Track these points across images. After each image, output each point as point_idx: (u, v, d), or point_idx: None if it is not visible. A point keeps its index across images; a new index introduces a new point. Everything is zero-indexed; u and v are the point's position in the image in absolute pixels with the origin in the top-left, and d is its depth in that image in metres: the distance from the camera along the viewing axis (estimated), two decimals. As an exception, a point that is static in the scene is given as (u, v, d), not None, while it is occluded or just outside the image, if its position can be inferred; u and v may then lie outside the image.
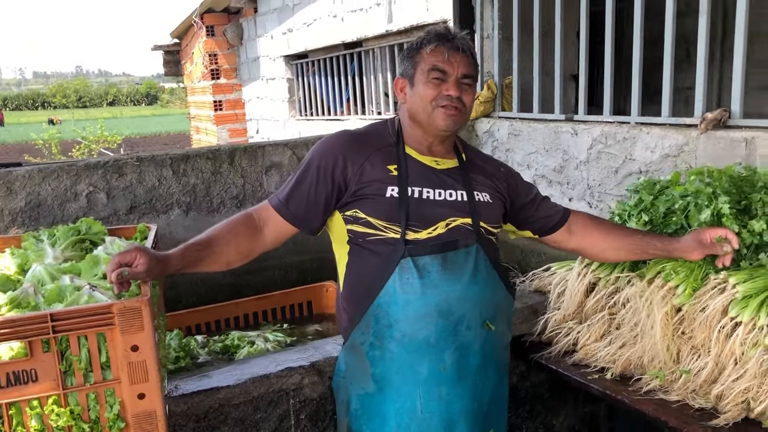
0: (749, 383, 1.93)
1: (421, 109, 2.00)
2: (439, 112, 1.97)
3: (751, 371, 1.93)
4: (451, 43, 1.97)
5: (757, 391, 1.92)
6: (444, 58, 1.95)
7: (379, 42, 6.59)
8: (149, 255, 1.82)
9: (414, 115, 2.04)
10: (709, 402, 2.01)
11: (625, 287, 2.38)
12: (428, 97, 1.97)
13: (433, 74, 1.96)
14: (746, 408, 1.94)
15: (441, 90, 1.96)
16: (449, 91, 1.95)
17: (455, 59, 1.96)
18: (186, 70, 12.26)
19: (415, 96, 2.01)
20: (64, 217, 3.12)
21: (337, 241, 2.07)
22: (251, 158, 3.52)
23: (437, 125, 1.99)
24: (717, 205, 2.17)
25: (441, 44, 1.97)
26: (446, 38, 1.98)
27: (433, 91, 1.96)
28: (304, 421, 2.24)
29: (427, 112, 1.98)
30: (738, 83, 2.75)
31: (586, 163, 3.40)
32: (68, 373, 1.71)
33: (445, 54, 1.96)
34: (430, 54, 1.97)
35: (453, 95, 1.95)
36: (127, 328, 1.70)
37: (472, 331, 1.97)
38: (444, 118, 1.97)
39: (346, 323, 2.06)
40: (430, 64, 1.97)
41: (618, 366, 2.29)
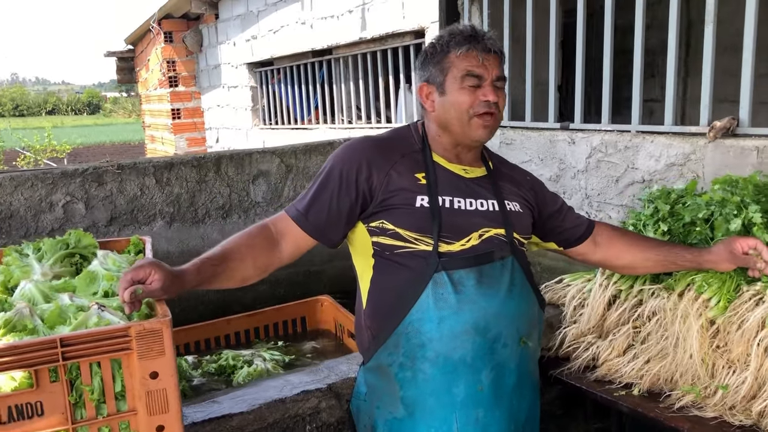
0: (794, 399, 1.87)
1: (456, 118, 1.87)
2: (476, 121, 1.85)
3: (795, 386, 1.87)
4: (482, 44, 1.85)
5: (802, 407, 1.86)
6: (478, 62, 1.84)
7: (351, 50, 6.48)
8: (165, 270, 1.64)
9: (446, 124, 1.90)
10: (750, 419, 1.94)
11: (648, 299, 2.30)
12: (464, 104, 1.85)
13: (468, 80, 1.84)
14: (791, 425, 1.88)
15: (477, 96, 1.84)
16: (487, 97, 1.83)
17: (488, 61, 1.85)
18: (141, 77, 11.90)
19: (447, 104, 1.88)
20: (38, 229, 2.90)
21: (360, 255, 1.93)
22: (238, 166, 3.35)
23: (473, 135, 1.87)
24: (748, 214, 2.11)
25: (473, 47, 1.84)
26: (476, 39, 1.86)
27: (469, 98, 1.84)
28: (321, 448, 2.09)
29: (463, 121, 1.86)
30: (747, 92, 2.72)
31: (584, 172, 3.33)
32: (78, 405, 1.53)
33: (479, 57, 1.84)
34: (462, 58, 1.84)
35: (492, 100, 1.84)
36: (146, 352, 1.53)
37: (509, 348, 1.86)
38: (481, 127, 1.86)
39: (368, 342, 1.91)
40: (464, 69, 1.84)
41: (645, 382, 2.20)
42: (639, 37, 3.10)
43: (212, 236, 3.28)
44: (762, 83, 3.01)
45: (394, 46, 5.82)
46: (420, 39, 5.49)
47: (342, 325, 3.11)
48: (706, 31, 2.83)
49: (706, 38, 2.83)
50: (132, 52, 11.99)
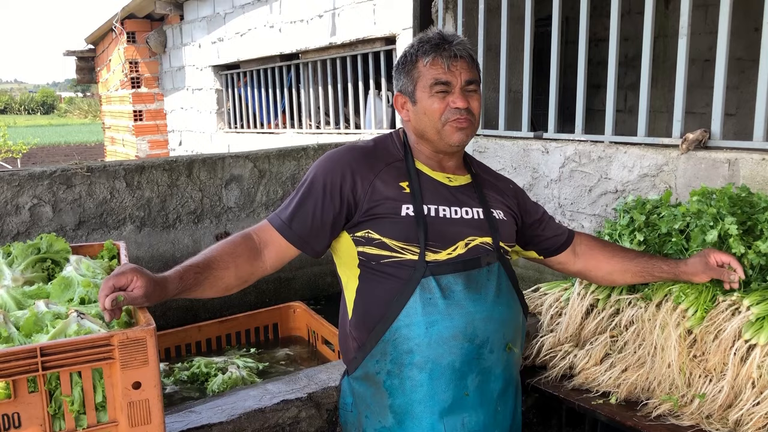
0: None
1: (430, 126, 1.87)
2: (449, 127, 1.85)
3: (771, 395, 1.90)
4: (448, 51, 1.84)
5: (778, 416, 1.89)
6: (444, 69, 1.83)
7: (319, 54, 6.45)
8: (147, 277, 1.60)
9: (422, 132, 1.90)
10: (727, 427, 1.97)
11: (626, 309, 2.32)
12: (435, 112, 1.85)
13: (436, 88, 1.84)
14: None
15: (447, 102, 1.84)
16: (456, 104, 1.83)
17: (456, 67, 1.84)
18: (101, 77, 11.66)
19: (420, 113, 1.88)
20: (3, 232, 2.81)
21: (345, 265, 1.91)
22: (210, 170, 3.29)
23: (449, 141, 1.87)
24: (724, 225, 2.15)
25: (438, 55, 1.84)
26: (442, 47, 1.85)
27: (440, 105, 1.84)
28: (301, 459, 2.06)
29: (437, 128, 1.86)
30: (719, 105, 2.78)
31: (557, 182, 3.36)
32: (57, 416, 1.48)
33: (445, 64, 1.83)
34: (429, 67, 1.85)
35: (461, 107, 1.84)
36: (129, 362, 1.49)
37: (495, 354, 1.86)
38: (456, 131, 1.86)
39: (354, 352, 1.89)
40: (431, 78, 1.84)
41: (623, 390, 2.22)
42: (613, 49, 3.15)
43: (183, 241, 3.21)
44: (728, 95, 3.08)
45: (364, 51, 5.82)
46: (391, 45, 5.49)
47: (315, 332, 3.08)
48: (680, 43, 2.88)
49: (680, 51, 2.88)
50: (93, 52, 11.75)
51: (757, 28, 2.71)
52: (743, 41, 3.77)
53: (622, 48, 4.45)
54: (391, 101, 5.92)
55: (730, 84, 3.08)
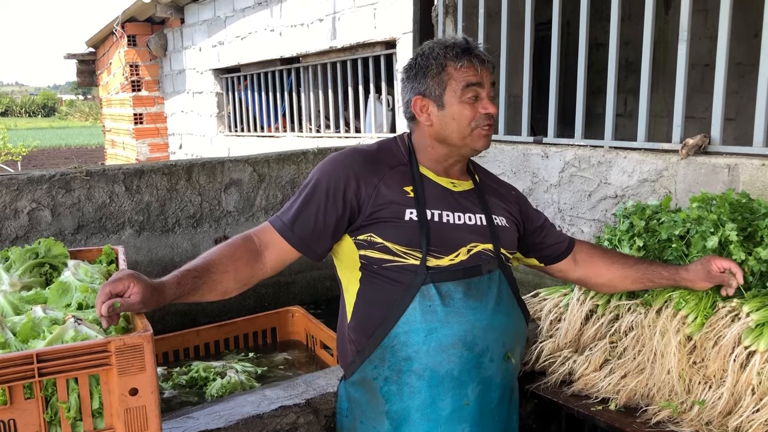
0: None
1: (456, 131, 1.86)
2: (477, 133, 1.85)
3: (771, 402, 1.89)
4: (477, 56, 1.84)
5: (778, 423, 1.88)
6: (477, 74, 1.82)
7: (320, 58, 6.45)
8: (144, 283, 1.59)
9: (445, 137, 1.88)
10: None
11: (625, 315, 2.32)
12: (467, 118, 1.83)
13: (469, 92, 1.82)
14: (766, 440, 1.90)
15: (477, 109, 1.83)
16: (487, 110, 1.83)
17: (484, 71, 1.84)
18: (102, 80, 11.67)
19: (447, 118, 1.86)
20: (1, 236, 2.80)
21: (346, 268, 1.91)
22: (210, 175, 3.29)
23: (474, 146, 1.88)
24: (724, 232, 2.14)
25: (471, 59, 1.83)
26: (471, 52, 1.85)
27: (471, 112, 1.83)
28: (299, 465, 2.05)
29: (464, 134, 1.85)
30: (718, 110, 2.77)
31: (557, 186, 3.36)
32: (53, 423, 1.48)
33: (477, 69, 1.83)
34: (462, 71, 1.82)
35: (492, 113, 1.84)
36: (127, 368, 1.48)
37: (495, 363, 1.86)
38: (483, 137, 1.87)
39: (352, 356, 1.89)
40: (464, 81, 1.82)
41: (622, 397, 2.21)
42: (613, 54, 3.15)
43: (182, 246, 3.21)
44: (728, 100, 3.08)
45: (364, 55, 5.82)
46: (391, 50, 5.49)
47: (314, 336, 3.07)
48: (680, 48, 2.88)
49: (680, 56, 2.88)
50: (93, 55, 11.76)
51: (757, 33, 2.71)
52: (743, 46, 3.77)
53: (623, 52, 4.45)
54: (392, 105, 5.92)
55: (730, 89, 3.07)
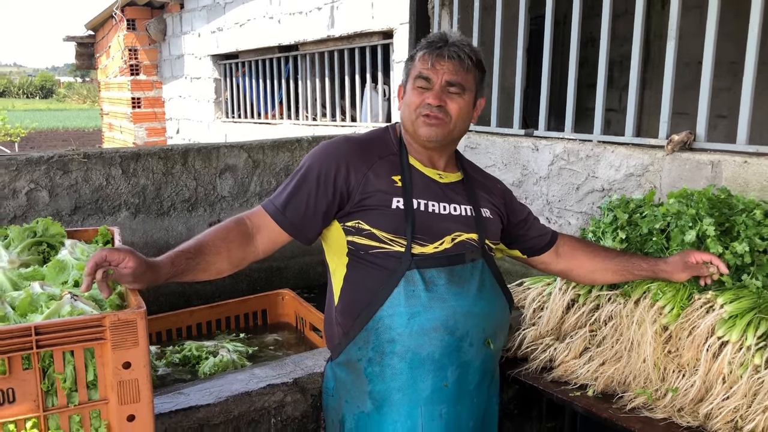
0: (738, 403, 1.96)
1: (407, 117, 1.96)
2: (419, 121, 1.93)
3: (740, 391, 1.96)
4: (439, 50, 1.91)
5: (746, 411, 1.96)
6: (428, 66, 1.91)
7: (318, 47, 6.49)
8: (139, 259, 1.66)
9: (403, 123, 2.01)
10: (697, 420, 2.04)
11: (605, 304, 2.39)
12: (412, 104, 1.94)
13: (419, 82, 1.92)
14: (734, 427, 1.97)
15: (424, 98, 1.91)
16: (428, 100, 1.90)
17: (441, 66, 1.90)
18: (101, 63, 11.68)
19: (404, 104, 1.98)
20: (0, 215, 2.86)
21: (334, 253, 1.97)
22: (205, 160, 3.35)
23: (419, 134, 1.94)
24: (702, 226, 2.21)
25: (429, 52, 1.92)
26: (435, 45, 1.93)
27: (417, 99, 1.92)
28: (285, 441, 2.12)
29: (411, 120, 1.95)
30: (704, 108, 2.84)
31: (546, 179, 3.42)
32: (50, 393, 1.54)
33: (429, 61, 1.91)
34: (419, 61, 1.94)
35: (432, 104, 1.90)
36: (120, 342, 1.55)
37: (474, 348, 1.92)
38: (424, 125, 1.92)
39: (339, 338, 1.96)
40: (417, 71, 1.93)
41: (600, 383, 2.28)
42: (604, 49, 3.21)
43: (177, 229, 3.27)
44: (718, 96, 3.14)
45: (361, 45, 5.86)
46: (388, 39, 5.54)
47: (303, 318, 3.14)
48: (669, 46, 2.94)
49: (668, 54, 2.94)
50: (92, 38, 11.76)
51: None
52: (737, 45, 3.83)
53: (618, 48, 4.50)
54: (388, 95, 5.97)
55: (723, 86, 3.14)
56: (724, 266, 2.09)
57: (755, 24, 2.67)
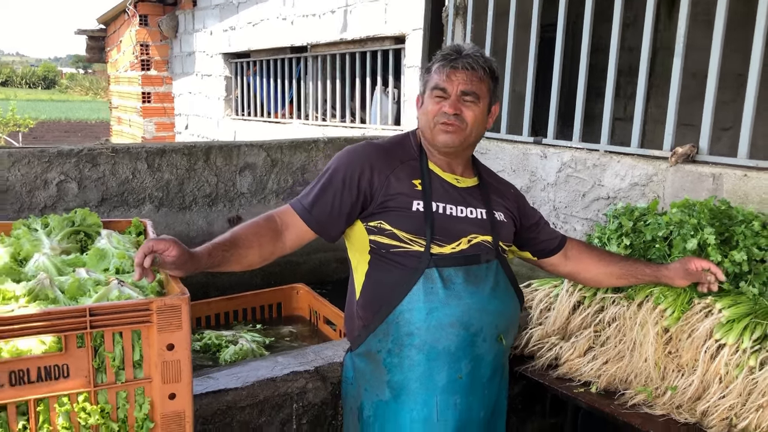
0: (733, 401, 2.10)
1: (426, 125, 2.09)
2: (438, 128, 2.05)
3: (736, 391, 2.10)
4: (453, 62, 2.04)
5: (740, 409, 2.09)
6: (444, 78, 2.04)
7: (329, 49, 6.62)
8: (182, 248, 1.79)
9: (422, 130, 2.13)
10: (695, 417, 2.16)
11: (609, 307, 2.52)
12: (431, 113, 2.06)
13: (436, 92, 2.05)
14: (729, 424, 2.10)
15: (441, 107, 2.04)
16: (445, 108, 2.03)
17: (456, 77, 2.03)
18: (111, 57, 11.81)
19: (422, 113, 2.11)
20: (32, 205, 2.99)
21: (357, 250, 2.10)
22: (226, 157, 3.48)
23: (437, 140, 2.07)
24: (703, 235, 2.34)
25: (444, 64, 2.06)
26: (450, 58, 2.06)
27: (434, 108, 2.05)
28: (305, 426, 2.25)
29: (430, 127, 2.07)
30: (707, 122, 2.96)
31: (553, 186, 3.56)
32: (100, 370, 1.66)
33: (444, 73, 2.04)
34: (435, 73, 2.07)
35: (448, 112, 2.02)
36: (165, 326, 1.67)
37: (487, 343, 2.05)
38: (442, 133, 2.05)
39: (359, 330, 2.08)
40: (434, 82, 2.06)
41: (603, 381, 2.41)
42: (613, 59, 3.34)
43: (198, 223, 3.40)
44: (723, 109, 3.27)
45: (373, 49, 5.99)
46: (400, 44, 5.66)
47: (317, 312, 3.27)
48: (675, 62, 3.07)
49: (675, 68, 3.08)
50: (104, 32, 11.89)
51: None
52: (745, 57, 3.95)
53: (627, 58, 4.62)
54: (397, 98, 6.10)
55: (728, 99, 3.27)
56: (722, 274, 2.22)
57: (759, 39, 2.80)
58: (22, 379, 1.58)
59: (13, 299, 1.73)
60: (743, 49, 2.87)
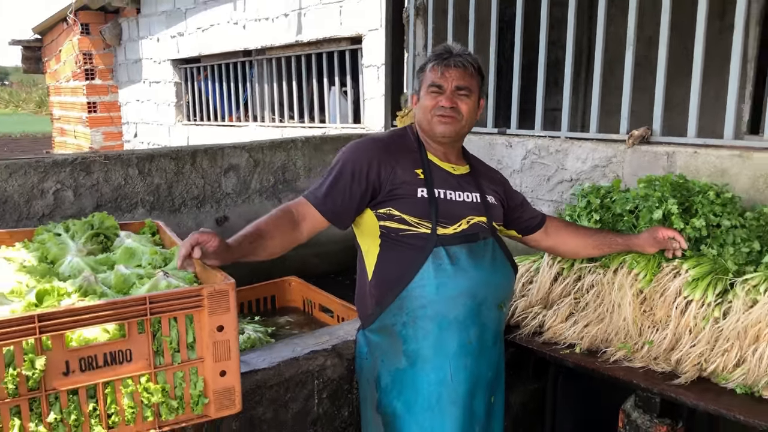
0: (703, 349, 2.39)
1: (424, 118, 2.32)
2: (436, 120, 2.29)
3: (704, 339, 2.40)
4: (446, 61, 2.29)
5: (709, 355, 2.39)
6: (439, 75, 2.28)
7: (285, 51, 6.76)
8: (220, 239, 1.97)
9: (420, 124, 2.35)
10: (670, 366, 2.45)
11: (587, 275, 2.80)
12: (428, 107, 2.29)
13: (431, 89, 2.29)
14: (700, 369, 2.40)
15: (438, 101, 2.28)
16: (442, 102, 2.27)
17: (449, 74, 2.27)
18: (50, 68, 11.60)
19: (420, 108, 2.34)
20: (30, 214, 3.08)
21: (367, 235, 2.31)
22: (211, 159, 3.62)
23: (435, 131, 2.30)
24: (667, 206, 2.64)
25: (438, 63, 2.29)
26: (442, 57, 2.30)
27: (431, 102, 2.29)
28: (326, 400, 2.45)
29: (428, 120, 2.30)
30: (659, 107, 3.28)
31: (520, 172, 3.83)
32: (158, 353, 1.82)
33: (439, 71, 2.28)
34: (430, 71, 2.30)
35: (445, 105, 2.27)
36: (215, 309, 1.85)
37: (491, 311, 2.29)
38: (440, 124, 2.29)
39: (372, 308, 2.29)
40: (430, 80, 2.29)
41: (585, 342, 2.68)
42: (569, 55, 3.63)
43: (188, 224, 3.53)
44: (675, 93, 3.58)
45: (329, 50, 6.17)
46: (356, 45, 5.87)
47: (311, 301, 3.46)
48: (627, 53, 3.38)
49: (627, 59, 3.39)
50: (40, 42, 11.67)
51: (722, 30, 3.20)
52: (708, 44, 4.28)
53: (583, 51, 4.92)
54: (355, 97, 6.30)
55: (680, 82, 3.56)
56: (685, 242, 2.52)
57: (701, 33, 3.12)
58: (91, 365, 1.74)
59: (66, 295, 1.88)
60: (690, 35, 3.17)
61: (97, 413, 1.75)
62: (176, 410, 1.85)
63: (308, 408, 2.40)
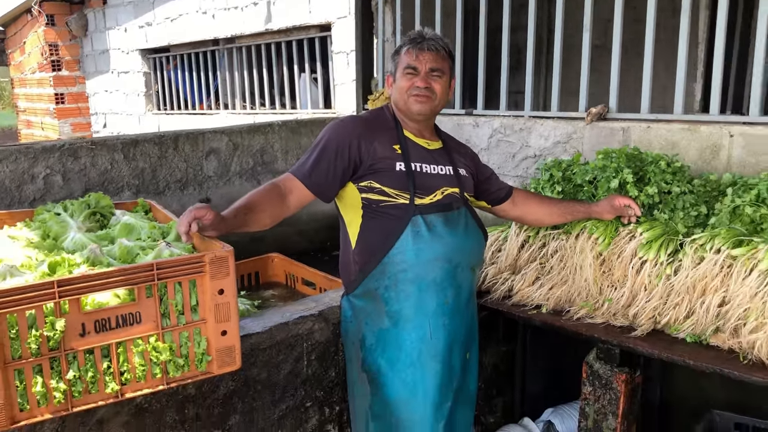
0: (656, 303, 2.64)
1: (400, 98, 2.51)
2: (411, 99, 2.49)
3: (657, 295, 2.64)
4: (420, 45, 2.48)
5: (662, 309, 2.64)
6: (413, 58, 2.47)
7: (254, 39, 6.87)
8: (215, 213, 2.15)
9: (396, 103, 2.55)
10: (627, 320, 2.69)
11: (551, 242, 3.03)
12: (404, 88, 2.49)
13: (407, 70, 2.48)
14: (654, 322, 2.64)
15: (413, 82, 2.48)
16: (417, 83, 2.47)
17: (423, 57, 2.47)
18: (14, 60, 11.51)
19: (396, 88, 2.53)
20: (21, 198, 3.20)
21: (349, 207, 2.49)
22: (193, 144, 3.77)
23: (412, 110, 2.50)
24: (622, 175, 2.88)
25: (412, 46, 2.49)
26: (416, 41, 2.50)
27: (407, 83, 2.48)
28: (314, 362, 2.64)
29: (404, 100, 2.50)
30: (614, 86, 3.52)
31: (487, 150, 4.05)
32: (164, 316, 2.00)
33: (414, 54, 2.47)
34: (405, 54, 2.50)
35: (420, 86, 2.46)
36: (216, 274, 2.02)
37: (465, 273, 2.51)
38: (416, 103, 2.49)
39: (355, 275, 2.48)
40: (405, 62, 2.49)
41: (551, 303, 2.91)
42: (531, 38, 3.85)
43: (172, 207, 3.67)
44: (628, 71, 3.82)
45: (299, 38, 6.31)
46: (326, 32, 6.02)
47: (294, 275, 3.64)
48: (584, 36, 3.61)
49: (584, 42, 3.62)
50: (3, 34, 11.55)
51: (675, 12, 3.40)
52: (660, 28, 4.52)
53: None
54: (325, 83, 6.46)
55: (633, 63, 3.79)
56: (639, 210, 2.76)
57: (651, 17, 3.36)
58: (105, 327, 1.91)
59: (75, 266, 2.04)
60: (660, 20, 3.38)
61: (111, 371, 1.92)
62: (182, 367, 2.03)
63: (298, 369, 2.59)
